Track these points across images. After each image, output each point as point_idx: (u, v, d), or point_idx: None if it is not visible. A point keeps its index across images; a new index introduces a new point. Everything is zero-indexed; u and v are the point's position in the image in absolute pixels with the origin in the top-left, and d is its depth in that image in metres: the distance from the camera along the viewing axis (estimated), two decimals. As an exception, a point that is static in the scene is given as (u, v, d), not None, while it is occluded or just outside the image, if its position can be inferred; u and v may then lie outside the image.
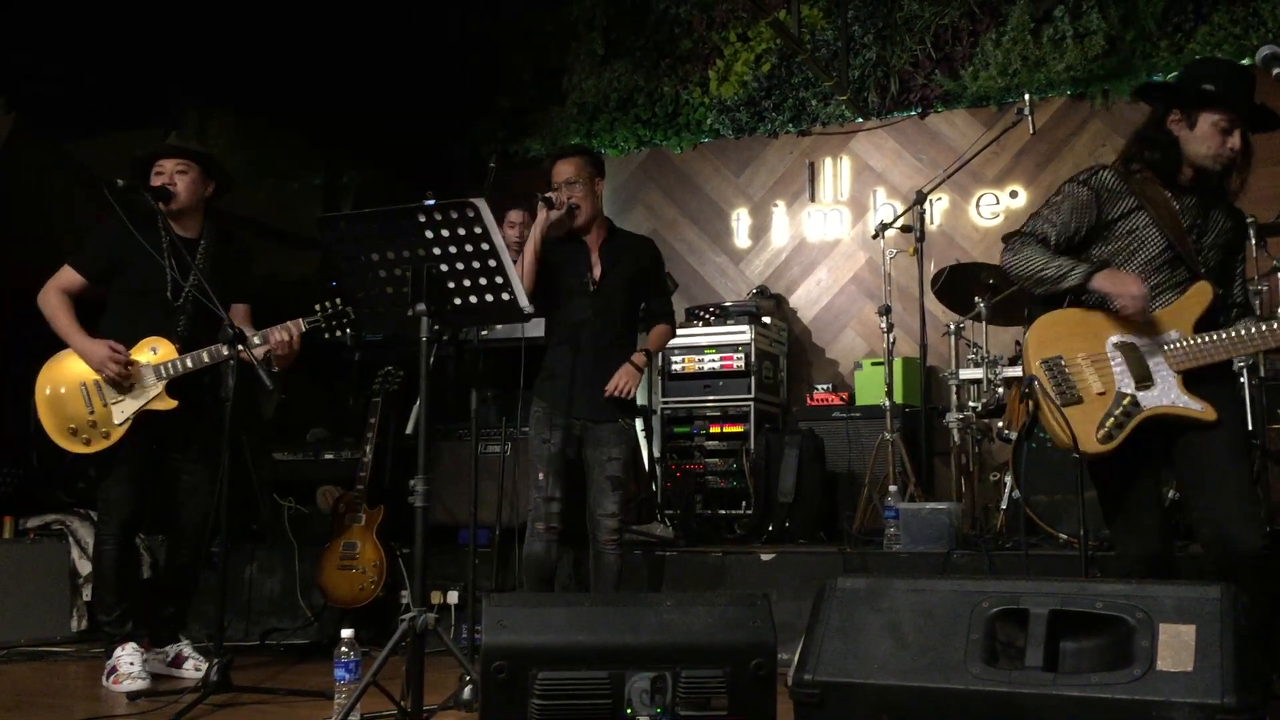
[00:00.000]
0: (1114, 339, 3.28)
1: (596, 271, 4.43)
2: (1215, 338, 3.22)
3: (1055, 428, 3.24)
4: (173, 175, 4.42)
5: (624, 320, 4.49)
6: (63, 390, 4.34)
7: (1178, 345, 3.24)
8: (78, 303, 4.41)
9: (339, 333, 4.26)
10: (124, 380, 4.27)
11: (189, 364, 4.29)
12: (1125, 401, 3.21)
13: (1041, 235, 3.36)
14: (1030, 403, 3.27)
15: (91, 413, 4.30)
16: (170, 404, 4.31)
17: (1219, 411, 3.19)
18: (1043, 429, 3.34)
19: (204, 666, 4.19)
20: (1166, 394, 3.21)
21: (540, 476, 4.34)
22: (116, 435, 4.29)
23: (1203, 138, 3.29)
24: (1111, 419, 3.20)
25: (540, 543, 4.32)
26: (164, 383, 4.29)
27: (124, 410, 4.29)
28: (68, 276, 4.41)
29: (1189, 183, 3.35)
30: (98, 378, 4.30)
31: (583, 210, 4.41)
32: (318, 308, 4.27)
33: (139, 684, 4.15)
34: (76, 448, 4.32)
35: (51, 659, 5.04)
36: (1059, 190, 3.43)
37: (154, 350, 4.33)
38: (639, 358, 4.43)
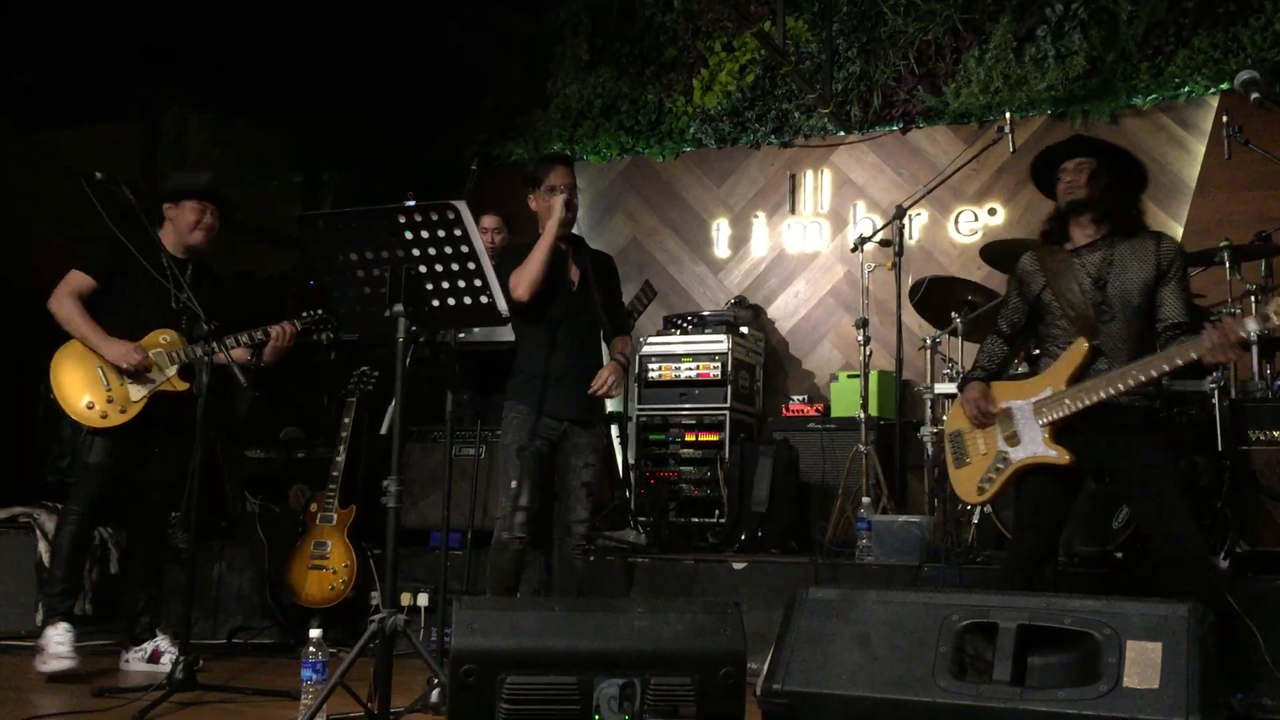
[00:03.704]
0: (1002, 405, 3.86)
1: (574, 274, 4.42)
2: (1076, 390, 3.68)
3: (952, 483, 4.04)
4: (215, 227, 4.69)
5: (596, 323, 4.46)
6: (81, 371, 4.50)
7: (1047, 401, 3.74)
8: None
9: (322, 336, 4.60)
10: (144, 370, 4.48)
11: (198, 352, 4.46)
12: (999, 460, 3.84)
13: (998, 329, 4.01)
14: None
15: (109, 390, 4.48)
16: (183, 385, 4.53)
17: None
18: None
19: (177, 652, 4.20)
20: (1029, 447, 3.76)
21: (514, 485, 4.23)
22: (133, 411, 4.48)
23: (1059, 190, 3.83)
24: (988, 475, 3.85)
25: (507, 554, 4.23)
26: (176, 366, 4.53)
27: (141, 389, 4.49)
28: (79, 280, 4.55)
29: (1094, 238, 3.79)
30: None
31: (576, 217, 4.44)
32: (305, 314, 4.57)
33: (64, 664, 4.23)
34: (94, 421, 4.47)
35: (15, 652, 4.99)
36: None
37: (164, 340, 4.56)
38: (621, 358, 4.43)
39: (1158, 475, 3.64)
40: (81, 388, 4.46)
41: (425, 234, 3.27)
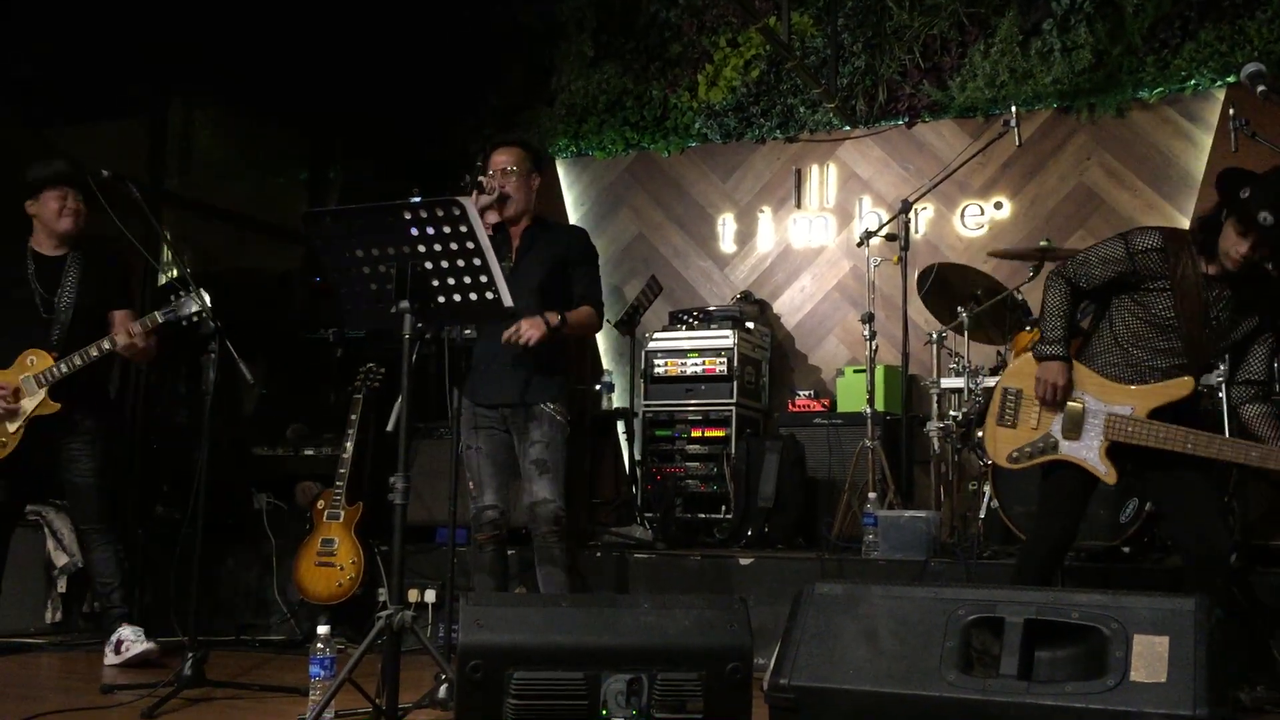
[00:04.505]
0: (1076, 394, 3.74)
1: (513, 257, 4.31)
2: (1155, 427, 3.62)
3: (985, 433, 3.95)
4: (82, 210, 4.61)
5: (543, 304, 4.20)
6: None
7: (1122, 421, 3.66)
8: None
9: (195, 318, 4.35)
10: (11, 412, 4.48)
11: (63, 369, 4.50)
12: (1045, 440, 3.76)
13: (1075, 283, 3.79)
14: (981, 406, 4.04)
15: None
16: (53, 407, 4.52)
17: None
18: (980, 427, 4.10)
19: (140, 638, 4.46)
20: (1083, 450, 3.71)
21: (471, 486, 4.21)
22: (13, 444, 4.50)
23: (1226, 235, 3.52)
24: (1027, 449, 3.79)
25: (484, 553, 4.24)
26: (45, 389, 4.50)
27: (14, 422, 4.50)
28: None
29: (1228, 273, 3.57)
30: None
31: (514, 201, 4.27)
32: (171, 298, 4.44)
33: None
34: None
35: (25, 651, 5.01)
36: (1109, 240, 3.78)
37: (31, 361, 4.53)
38: (551, 315, 4.15)
39: (1191, 483, 3.66)
40: None
41: (431, 230, 3.27)
